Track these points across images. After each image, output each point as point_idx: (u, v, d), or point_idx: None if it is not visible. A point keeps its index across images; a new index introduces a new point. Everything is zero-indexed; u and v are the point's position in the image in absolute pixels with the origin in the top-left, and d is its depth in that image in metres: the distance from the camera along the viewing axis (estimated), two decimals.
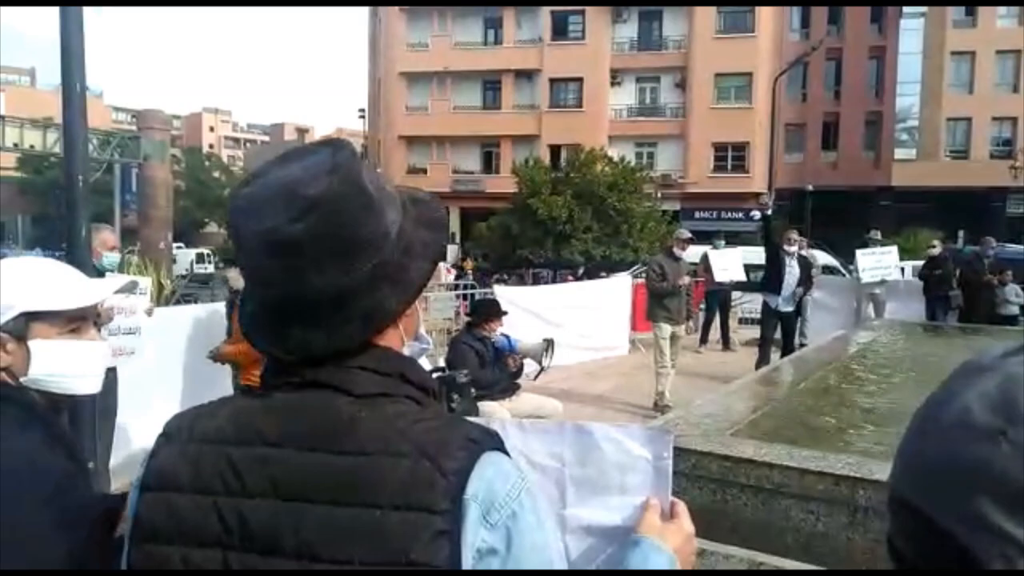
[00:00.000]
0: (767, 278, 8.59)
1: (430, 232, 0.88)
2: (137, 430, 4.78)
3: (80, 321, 1.29)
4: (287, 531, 0.76)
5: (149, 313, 4.75)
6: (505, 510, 0.76)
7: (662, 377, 7.54)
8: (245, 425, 0.82)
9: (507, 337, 5.35)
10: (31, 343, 1.23)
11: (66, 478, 1.17)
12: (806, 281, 8.75)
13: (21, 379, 1.23)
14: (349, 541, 0.75)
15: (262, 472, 0.79)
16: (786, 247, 8.57)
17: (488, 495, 0.76)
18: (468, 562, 0.74)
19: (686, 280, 7.71)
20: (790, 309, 8.57)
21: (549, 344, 5.23)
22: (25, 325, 1.22)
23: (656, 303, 7.68)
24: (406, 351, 0.90)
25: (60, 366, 1.26)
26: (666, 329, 7.59)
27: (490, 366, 5.19)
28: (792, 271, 8.50)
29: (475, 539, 0.75)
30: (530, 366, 5.48)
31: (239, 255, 0.85)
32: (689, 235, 8.14)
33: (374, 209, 0.83)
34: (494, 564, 0.75)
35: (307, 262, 0.80)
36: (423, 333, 0.97)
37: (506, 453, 0.82)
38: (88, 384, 1.31)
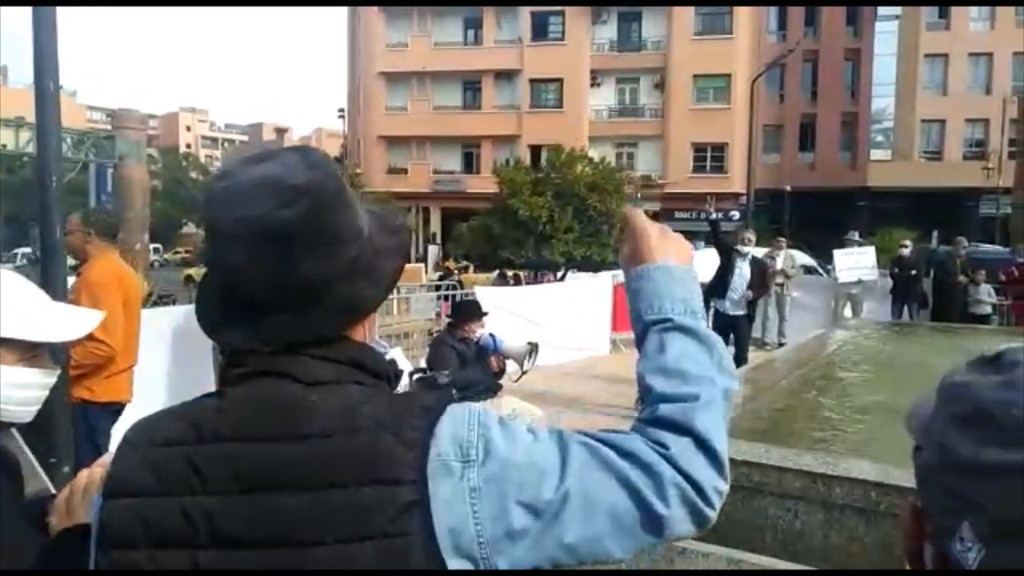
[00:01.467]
0: (712, 282, 7.92)
1: (392, 236, 0.92)
2: (118, 432, 4.72)
3: (40, 348, 1.23)
4: (255, 523, 0.77)
5: None
6: (478, 444, 0.78)
7: None
8: (202, 425, 0.82)
9: (492, 336, 5.35)
10: None
11: (8, 495, 1.16)
12: (759, 285, 8.28)
13: None
14: (320, 524, 0.76)
15: (224, 468, 0.79)
16: (740, 247, 8.27)
17: (456, 443, 0.78)
18: (465, 506, 0.76)
19: None
20: (739, 313, 8.11)
21: (533, 348, 5.23)
22: None
23: None
24: None
25: (9, 394, 1.19)
26: None
27: (471, 366, 5.18)
28: (742, 273, 8.09)
29: (464, 484, 0.76)
30: (511, 367, 5.48)
31: (214, 247, 0.84)
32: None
33: (351, 203, 0.86)
34: (501, 484, 0.77)
35: (294, 250, 0.80)
36: (378, 339, 0.98)
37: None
38: (27, 414, 1.25)
